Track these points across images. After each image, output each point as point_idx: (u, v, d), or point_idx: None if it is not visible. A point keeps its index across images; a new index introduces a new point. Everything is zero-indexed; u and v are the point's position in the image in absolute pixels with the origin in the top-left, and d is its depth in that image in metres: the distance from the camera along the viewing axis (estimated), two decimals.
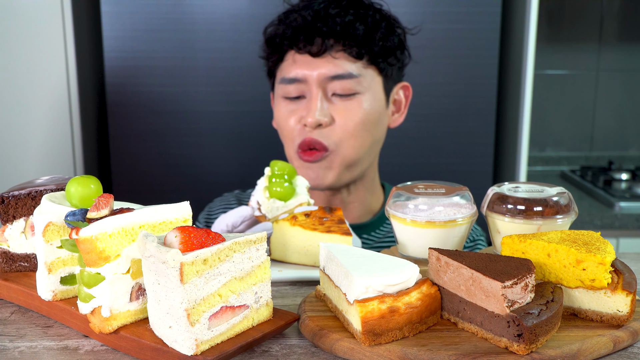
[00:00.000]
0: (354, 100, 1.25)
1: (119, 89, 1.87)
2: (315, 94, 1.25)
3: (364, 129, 1.26)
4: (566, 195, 0.91)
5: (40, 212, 0.80)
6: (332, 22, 1.23)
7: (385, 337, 0.71)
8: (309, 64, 1.25)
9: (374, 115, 1.28)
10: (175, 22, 1.84)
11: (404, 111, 1.39)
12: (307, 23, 1.24)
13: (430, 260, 0.78)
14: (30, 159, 1.85)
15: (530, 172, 2.62)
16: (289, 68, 1.27)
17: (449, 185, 0.96)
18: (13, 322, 0.82)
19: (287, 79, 1.27)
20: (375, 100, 1.28)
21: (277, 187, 1.03)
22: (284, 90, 1.28)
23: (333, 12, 1.24)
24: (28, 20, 1.77)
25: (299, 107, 1.27)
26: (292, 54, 1.27)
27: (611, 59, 2.62)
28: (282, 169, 1.05)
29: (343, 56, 1.24)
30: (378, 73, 1.28)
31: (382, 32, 1.26)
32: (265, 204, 1.03)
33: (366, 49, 1.25)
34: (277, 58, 1.31)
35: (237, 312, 0.72)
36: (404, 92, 1.38)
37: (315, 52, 1.24)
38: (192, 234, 0.67)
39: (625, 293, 0.74)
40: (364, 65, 1.26)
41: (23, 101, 1.82)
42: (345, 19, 1.23)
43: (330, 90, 1.25)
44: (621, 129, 2.70)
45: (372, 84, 1.27)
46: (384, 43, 1.26)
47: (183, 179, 1.92)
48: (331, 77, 1.24)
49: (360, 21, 1.24)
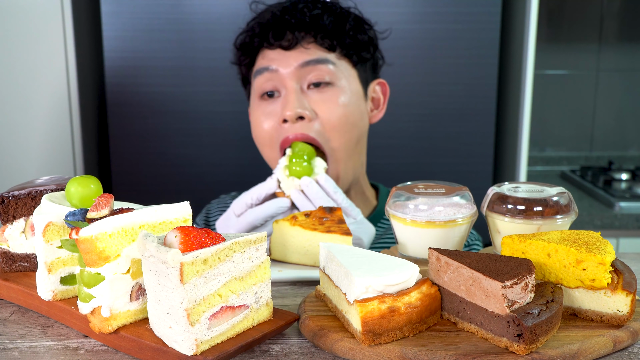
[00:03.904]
0: (331, 90, 1.23)
1: (119, 89, 1.87)
2: (290, 87, 1.22)
3: (347, 123, 1.23)
4: (566, 195, 0.91)
5: (40, 212, 0.80)
6: (300, 14, 1.23)
7: (385, 337, 0.71)
8: (281, 57, 1.23)
9: (355, 110, 1.25)
10: (175, 22, 1.84)
11: (383, 108, 1.36)
12: (275, 17, 1.24)
13: (430, 260, 0.78)
14: (30, 159, 1.85)
15: (530, 172, 2.62)
16: (260, 62, 1.26)
17: (449, 185, 0.96)
18: (13, 322, 0.82)
19: (259, 69, 1.25)
20: (353, 94, 1.25)
21: (296, 167, 1.13)
22: (258, 86, 1.26)
23: (301, 6, 1.24)
24: (28, 20, 1.77)
25: (275, 106, 1.24)
26: (263, 51, 1.26)
27: (611, 59, 2.62)
28: (303, 149, 1.16)
29: (315, 47, 1.23)
30: (352, 66, 1.27)
31: (351, 24, 1.26)
32: (285, 182, 1.13)
33: (337, 40, 1.24)
34: (249, 61, 1.29)
35: (237, 312, 0.72)
36: (381, 88, 1.36)
37: (287, 45, 1.23)
38: (192, 234, 0.67)
39: (625, 293, 0.74)
40: (337, 56, 1.25)
41: (23, 101, 1.82)
42: (313, 12, 1.24)
43: (305, 82, 1.23)
44: (621, 129, 2.70)
45: (347, 76, 1.25)
46: (354, 34, 1.25)
47: (183, 179, 1.92)
48: (304, 62, 1.22)
49: (329, 14, 1.25)
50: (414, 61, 1.89)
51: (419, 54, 1.89)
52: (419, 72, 1.89)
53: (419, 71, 1.89)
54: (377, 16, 1.51)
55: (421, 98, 1.90)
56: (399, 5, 1.85)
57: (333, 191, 1.14)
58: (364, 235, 1.13)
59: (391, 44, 1.68)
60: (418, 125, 1.92)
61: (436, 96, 1.91)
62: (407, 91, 1.90)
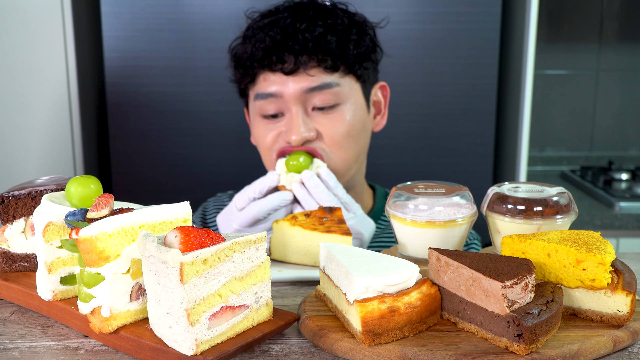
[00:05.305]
0: (337, 112, 1.21)
1: (119, 89, 1.87)
2: (295, 111, 1.20)
3: (350, 140, 1.23)
4: (566, 195, 0.91)
5: (40, 212, 0.80)
6: (302, 38, 1.18)
7: (385, 337, 0.71)
8: (283, 81, 1.20)
9: (359, 124, 1.24)
10: (175, 22, 1.84)
11: (385, 112, 1.35)
12: (276, 42, 1.18)
13: (430, 260, 0.78)
14: (30, 159, 1.85)
15: (530, 172, 2.62)
16: (262, 85, 1.22)
17: (449, 185, 0.96)
18: (13, 322, 0.82)
19: (262, 94, 1.22)
20: (358, 109, 1.24)
21: (294, 161, 1.17)
22: (261, 108, 1.23)
23: (302, 27, 1.19)
24: (28, 20, 1.77)
25: (278, 125, 1.22)
26: (264, 73, 1.22)
27: (611, 59, 2.62)
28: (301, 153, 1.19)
29: (318, 71, 1.19)
30: (356, 80, 1.24)
31: (354, 38, 1.21)
32: (285, 177, 1.17)
33: (341, 60, 1.20)
34: (249, 80, 1.25)
35: (237, 312, 0.72)
36: (381, 92, 1.35)
37: (289, 70, 1.19)
38: (192, 234, 0.67)
39: (625, 293, 0.74)
40: (340, 75, 1.21)
41: (23, 101, 1.82)
42: (315, 32, 1.18)
43: (310, 105, 1.21)
44: (621, 129, 2.70)
45: (352, 92, 1.23)
46: (358, 50, 1.22)
47: (183, 179, 1.92)
48: (309, 89, 1.19)
49: (332, 32, 1.20)
50: (414, 61, 1.89)
51: (419, 54, 1.89)
52: (419, 72, 1.89)
53: (419, 71, 1.89)
54: (377, 16, 1.51)
55: (421, 98, 1.90)
56: (399, 5, 1.85)
57: (334, 185, 1.14)
58: (365, 230, 1.13)
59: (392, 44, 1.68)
60: (418, 125, 1.92)
61: (436, 96, 1.91)
62: (407, 91, 1.90)
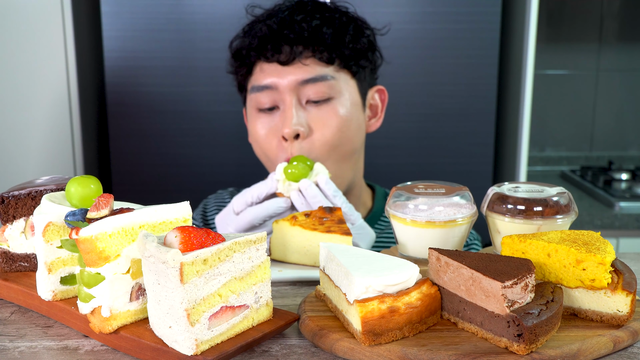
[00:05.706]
0: (329, 105, 1.21)
1: (119, 89, 1.87)
2: (289, 102, 1.20)
3: (342, 137, 1.23)
4: (566, 195, 0.91)
5: (40, 212, 0.80)
6: (298, 28, 1.19)
7: (385, 337, 0.71)
8: (279, 72, 1.20)
9: (351, 120, 1.24)
10: (175, 22, 1.84)
11: (381, 115, 1.35)
12: (273, 31, 1.20)
13: (430, 260, 0.78)
14: (30, 159, 1.85)
15: (530, 172, 2.62)
16: (258, 77, 1.23)
17: (449, 185, 0.96)
18: (13, 322, 0.82)
19: (257, 87, 1.23)
20: (352, 105, 1.24)
21: (293, 169, 1.14)
22: (257, 101, 1.24)
23: (299, 18, 1.20)
24: (28, 20, 1.77)
25: (273, 120, 1.23)
26: (261, 64, 1.23)
27: (611, 59, 2.62)
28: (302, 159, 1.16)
29: (313, 62, 1.20)
30: (351, 76, 1.25)
31: (351, 34, 1.22)
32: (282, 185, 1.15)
33: (336, 53, 1.21)
34: (246, 71, 1.27)
35: (237, 312, 0.72)
36: (379, 95, 1.35)
37: (284, 60, 1.20)
38: (192, 234, 0.67)
39: (625, 293, 0.74)
40: (335, 69, 1.22)
41: (23, 101, 1.82)
42: (312, 23, 1.20)
43: (304, 97, 1.21)
44: (621, 129, 2.70)
45: (346, 88, 1.23)
46: (354, 45, 1.22)
47: (183, 179, 1.92)
48: (303, 81, 1.20)
49: (328, 25, 1.21)
50: (414, 61, 1.89)
51: (419, 54, 1.89)
52: (419, 72, 1.89)
53: (419, 71, 1.89)
54: (377, 16, 1.51)
55: (421, 98, 1.90)
56: (399, 5, 1.85)
57: (333, 195, 1.13)
58: (362, 241, 1.12)
59: (391, 44, 1.68)
60: (418, 125, 1.92)
61: (436, 96, 1.91)
62: (407, 91, 1.90)
